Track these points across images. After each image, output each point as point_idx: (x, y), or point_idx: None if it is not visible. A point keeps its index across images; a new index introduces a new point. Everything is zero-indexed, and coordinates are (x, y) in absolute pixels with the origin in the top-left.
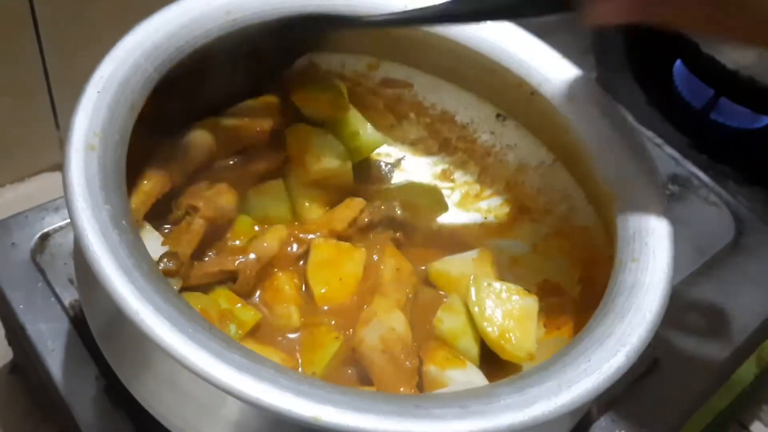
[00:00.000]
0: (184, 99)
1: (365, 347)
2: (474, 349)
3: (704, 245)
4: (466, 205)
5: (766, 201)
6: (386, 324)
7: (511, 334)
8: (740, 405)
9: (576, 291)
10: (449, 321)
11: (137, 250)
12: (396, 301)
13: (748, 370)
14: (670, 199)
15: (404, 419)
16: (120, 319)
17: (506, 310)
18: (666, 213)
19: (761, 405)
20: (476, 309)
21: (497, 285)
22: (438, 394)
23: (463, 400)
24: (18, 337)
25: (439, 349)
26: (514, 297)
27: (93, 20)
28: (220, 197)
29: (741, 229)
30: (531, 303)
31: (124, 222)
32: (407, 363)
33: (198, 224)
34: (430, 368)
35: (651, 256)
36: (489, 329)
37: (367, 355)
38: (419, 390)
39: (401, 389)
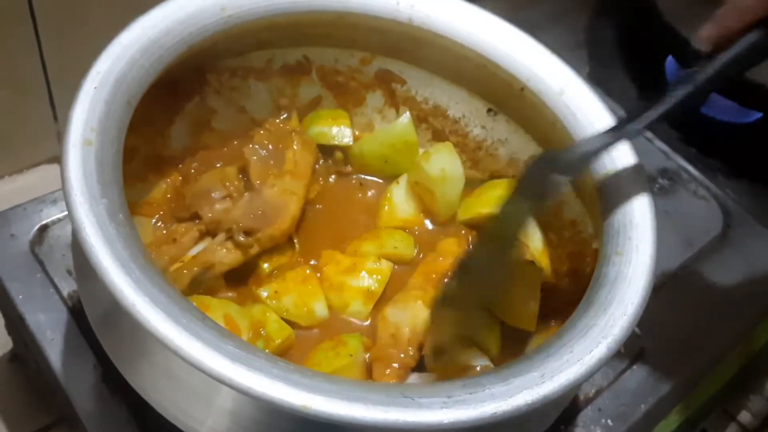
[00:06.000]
0: None
1: (379, 322)
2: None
3: (693, 237)
4: None
5: (753, 194)
6: (408, 314)
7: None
8: (726, 395)
9: (564, 283)
10: None
11: (133, 242)
12: (431, 299)
13: (734, 361)
14: (659, 192)
15: (391, 408)
16: (117, 310)
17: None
18: (650, 207)
19: (748, 394)
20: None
21: None
22: (425, 384)
23: (448, 390)
24: (17, 326)
25: None
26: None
27: (90, 13)
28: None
29: (729, 222)
30: (532, 268)
31: (120, 215)
32: (409, 351)
33: (189, 237)
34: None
35: (634, 249)
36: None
37: (379, 330)
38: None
39: (394, 367)
